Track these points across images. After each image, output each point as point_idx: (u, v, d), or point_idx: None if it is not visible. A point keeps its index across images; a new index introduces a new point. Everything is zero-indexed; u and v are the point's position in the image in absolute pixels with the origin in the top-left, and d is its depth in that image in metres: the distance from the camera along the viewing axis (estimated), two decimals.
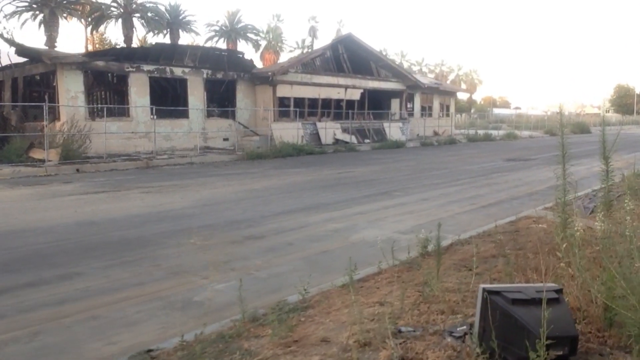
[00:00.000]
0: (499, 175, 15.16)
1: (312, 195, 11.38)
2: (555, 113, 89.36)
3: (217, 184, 13.35)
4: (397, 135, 30.87)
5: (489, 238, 6.76)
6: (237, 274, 5.73)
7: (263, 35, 70.19)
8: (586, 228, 7.43)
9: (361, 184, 13.23)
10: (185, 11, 58.99)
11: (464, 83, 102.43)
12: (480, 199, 10.98)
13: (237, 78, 25.12)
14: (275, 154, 21.32)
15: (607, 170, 6.49)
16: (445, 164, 18.79)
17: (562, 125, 5.42)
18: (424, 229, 8.20)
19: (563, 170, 5.24)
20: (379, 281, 4.99)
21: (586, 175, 15.29)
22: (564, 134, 6.19)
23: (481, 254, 5.84)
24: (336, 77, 28.49)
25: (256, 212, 9.36)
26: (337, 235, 7.59)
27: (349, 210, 9.61)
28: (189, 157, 19.26)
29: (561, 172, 5.29)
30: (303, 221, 8.59)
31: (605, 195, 6.72)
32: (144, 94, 21.69)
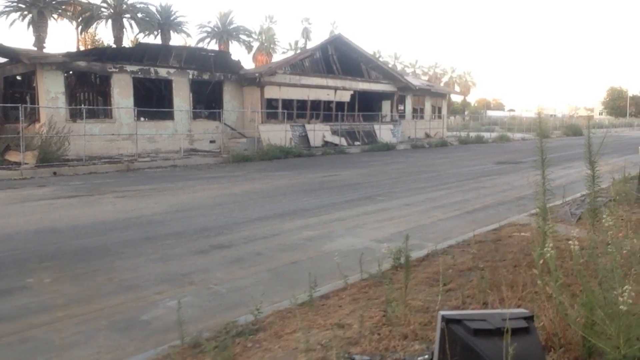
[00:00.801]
0: (487, 178, 14.79)
1: (292, 200, 10.97)
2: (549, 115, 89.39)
3: (196, 188, 12.91)
4: (388, 137, 30.49)
5: (469, 248, 6.36)
6: (195, 289, 5.31)
7: (255, 37, 69.78)
8: (571, 237, 7.09)
9: (345, 188, 12.83)
10: (176, 12, 58.61)
11: (458, 85, 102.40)
12: (466, 204, 10.60)
13: (224, 79, 24.67)
14: (262, 157, 20.89)
15: (592, 176, 6.07)
16: (434, 167, 18.42)
17: (541, 129, 5.00)
18: (403, 237, 7.86)
19: (543, 178, 4.82)
20: (343, 298, 4.58)
21: (577, 179, 14.93)
22: (557, 137, 5.89)
23: (458, 267, 5.45)
24: (325, 78, 28.09)
25: (230, 219, 8.94)
26: (310, 244, 7.17)
27: (328, 216, 9.20)
28: (173, 160, 18.79)
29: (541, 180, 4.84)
30: (277, 228, 8.17)
31: (591, 202, 6.31)
32: (128, 95, 21.20)
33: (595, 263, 3.53)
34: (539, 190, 4.95)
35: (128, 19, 53.42)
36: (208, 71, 23.80)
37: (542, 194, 4.86)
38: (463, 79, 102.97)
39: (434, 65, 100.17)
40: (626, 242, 5.14)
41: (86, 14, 52.40)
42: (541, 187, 4.87)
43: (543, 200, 4.86)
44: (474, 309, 4.05)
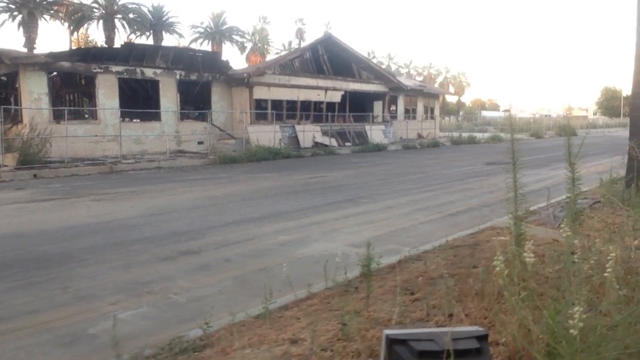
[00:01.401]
0: (475, 179, 14.56)
1: (272, 203, 10.70)
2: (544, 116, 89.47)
3: (177, 191, 12.63)
4: (379, 138, 30.26)
5: (445, 253, 6.13)
6: (153, 299, 5.04)
7: (249, 37, 69.52)
8: (551, 241, 6.85)
9: (329, 190, 12.57)
10: (168, 12, 58.05)
11: (452, 85, 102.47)
12: (449, 206, 10.36)
13: (213, 79, 24.39)
14: (250, 158, 20.61)
15: (572, 179, 5.83)
16: (422, 168, 18.19)
17: (512, 128, 4.75)
18: (381, 241, 7.62)
19: (514, 181, 4.57)
20: (303, 309, 4.32)
21: (565, 180, 14.76)
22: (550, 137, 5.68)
23: (429, 274, 5.20)
24: (316, 78, 27.84)
25: (205, 223, 8.66)
26: (283, 250, 6.91)
27: (306, 219, 8.94)
28: (158, 162, 18.49)
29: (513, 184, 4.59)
30: (252, 232, 7.91)
31: (571, 206, 6.06)
32: (113, 95, 20.89)
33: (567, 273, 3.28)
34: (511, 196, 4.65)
35: (119, 19, 53.10)
36: (196, 71, 23.53)
37: (514, 199, 4.56)
38: (457, 79, 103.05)
39: (429, 65, 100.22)
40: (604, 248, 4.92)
41: (77, 15, 52.02)
42: (513, 191, 4.57)
43: (515, 206, 4.57)
44: (438, 321, 3.80)
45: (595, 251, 4.14)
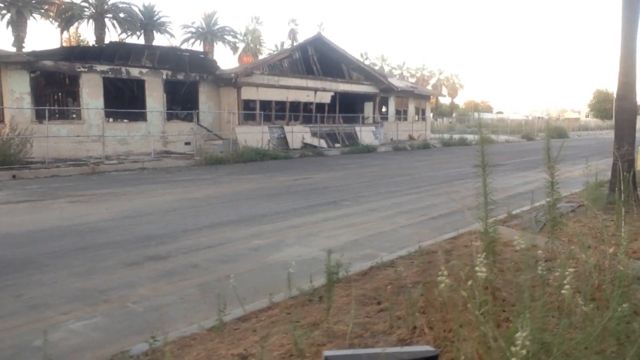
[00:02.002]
0: (462, 182, 14.37)
1: (252, 205, 10.46)
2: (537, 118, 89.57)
3: (157, 192, 12.36)
4: (370, 139, 30.07)
5: (420, 259, 5.92)
6: (109, 308, 4.79)
7: (241, 38, 69.19)
8: (530, 247, 6.64)
9: (312, 192, 12.35)
10: (159, 12, 57.75)
11: (446, 87, 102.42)
12: (432, 210, 10.16)
13: (200, 79, 24.11)
14: (236, 159, 20.34)
15: (551, 183, 5.64)
16: (410, 170, 18.00)
17: (481, 132, 4.56)
18: (358, 245, 7.40)
19: (484, 187, 4.37)
20: (262, 320, 4.09)
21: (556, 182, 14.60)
22: (541, 139, 5.48)
23: (399, 282, 4.98)
24: (305, 79, 27.61)
25: (179, 226, 8.41)
26: (254, 255, 6.68)
27: (284, 222, 8.71)
28: (142, 162, 18.19)
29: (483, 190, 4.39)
30: (226, 236, 7.67)
31: (550, 211, 5.86)
32: (97, 95, 20.57)
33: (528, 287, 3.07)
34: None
35: (110, 19, 52.70)
36: (183, 71, 23.24)
37: (484, 205, 4.36)
38: (451, 81, 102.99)
39: (422, 67, 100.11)
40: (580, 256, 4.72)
41: (67, 14, 51.55)
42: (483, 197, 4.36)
43: (485, 213, 4.36)
44: (401, 334, 3.58)
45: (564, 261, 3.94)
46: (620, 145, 9.21)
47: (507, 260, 5.71)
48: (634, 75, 9.22)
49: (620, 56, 9.23)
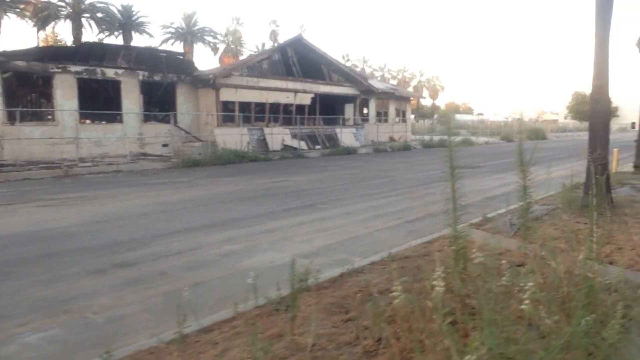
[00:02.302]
0: (440, 184, 14.34)
1: (228, 209, 10.29)
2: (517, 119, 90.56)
3: (130, 196, 12.11)
4: (350, 141, 30.04)
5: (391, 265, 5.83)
6: (68, 318, 4.60)
7: (222, 39, 68.71)
8: (503, 251, 6.62)
9: (290, 195, 12.21)
10: (138, 12, 57.06)
11: (427, 89, 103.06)
12: (409, 212, 10.10)
13: (178, 80, 23.80)
14: (215, 161, 20.11)
15: (524, 187, 5.58)
16: (389, 172, 17.97)
17: (449, 133, 4.47)
18: (332, 250, 7.29)
19: (452, 192, 4.29)
20: (224, 332, 3.94)
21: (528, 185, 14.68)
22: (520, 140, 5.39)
23: (370, 289, 4.88)
24: (285, 81, 27.46)
25: (151, 231, 8.21)
26: (225, 261, 6.52)
27: (259, 227, 8.56)
28: (117, 165, 17.87)
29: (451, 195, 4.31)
30: (197, 242, 7.49)
31: (523, 214, 5.80)
32: (72, 96, 20.15)
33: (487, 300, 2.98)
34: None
35: (87, 18, 51.89)
36: (160, 72, 22.91)
37: (453, 211, 4.28)
38: (432, 82, 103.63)
39: (403, 69, 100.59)
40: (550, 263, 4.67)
41: (44, 13, 50.62)
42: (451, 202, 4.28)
43: (454, 218, 4.28)
44: (366, 346, 3.48)
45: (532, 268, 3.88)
46: (594, 148, 9.25)
47: (478, 266, 5.65)
48: (607, 79, 9.27)
49: (594, 60, 9.28)
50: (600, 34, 9.21)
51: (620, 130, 76.95)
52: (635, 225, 7.53)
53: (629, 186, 12.07)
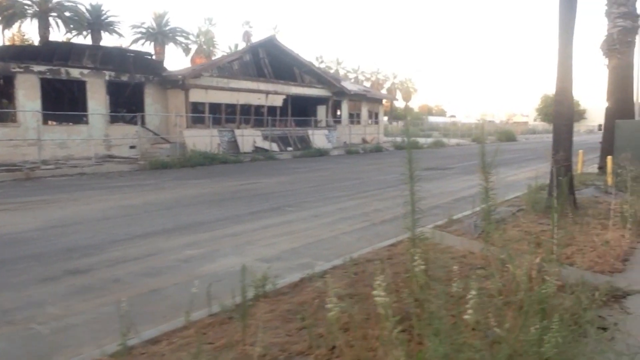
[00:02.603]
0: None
1: (192, 212, 10.06)
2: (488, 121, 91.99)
3: (92, 199, 11.75)
4: (323, 142, 29.96)
5: (354, 268, 5.75)
6: (11, 330, 4.36)
7: (194, 39, 67.96)
8: (467, 253, 6.59)
9: (257, 198, 12.04)
10: (107, 11, 55.98)
11: (400, 91, 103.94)
12: (377, 215, 10.02)
13: (146, 81, 23.35)
14: (183, 164, 19.77)
15: (486, 189, 5.54)
16: (360, 174, 17.93)
17: (408, 134, 4.38)
18: (296, 254, 7.16)
19: (412, 196, 4.21)
20: (173, 342, 3.77)
21: (495, 186, 14.79)
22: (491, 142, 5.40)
23: (329, 294, 4.76)
24: (257, 82, 27.23)
25: (109, 236, 7.95)
26: (184, 267, 6.33)
27: (222, 231, 8.38)
28: (81, 167, 17.39)
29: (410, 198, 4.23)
30: (157, 247, 7.27)
31: (485, 217, 5.76)
32: (34, 97, 19.56)
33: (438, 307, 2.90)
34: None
35: (55, 17, 50.67)
36: (127, 72, 22.43)
37: (411, 213, 4.20)
38: (405, 85, 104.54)
39: (376, 71, 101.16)
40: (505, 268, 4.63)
41: (9, 12, 49.21)
42: (410, 205, 4.20)
43: (412, 221, 4.21)
44: (318, 355, 3.36)
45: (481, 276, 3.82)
46: (557, 150, 9.33)
47: (440, 269, 5.60)
48: (570, 81, 9.37)
49: (557, 62, 9.37)
50: (564, 37, 9.30)
51: (588, 132, 78.94)
52: (597, 226, 7.60)
53: (593, 187, 12.25)
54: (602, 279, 5.16)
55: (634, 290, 4.76)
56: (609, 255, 5.77)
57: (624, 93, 14.76)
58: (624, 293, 4.70)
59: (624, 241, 6.73)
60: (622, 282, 5.04)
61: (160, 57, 62.64)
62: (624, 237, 7.07)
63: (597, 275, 5.35)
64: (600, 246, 6.05)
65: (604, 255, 5.73)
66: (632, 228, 7.52)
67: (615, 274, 5.41)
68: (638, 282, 5.12)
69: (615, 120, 13.07)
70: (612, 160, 12.83)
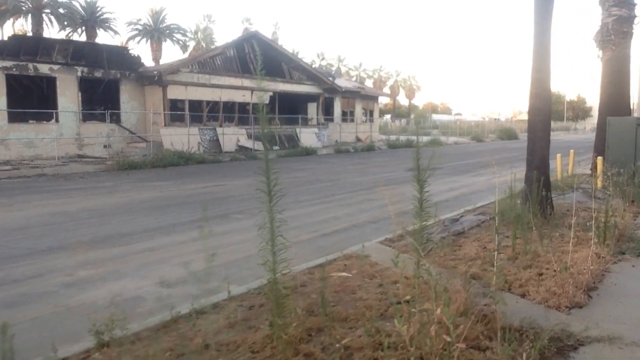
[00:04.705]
0: (385, 188, 13.29)
1: (125, 221, 9.02)
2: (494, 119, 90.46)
3: (28, 205, 10.75)
4: (312, 141, 28.87)
5: (256, 299, 4.73)
6: None
7: (191, 36, 67.01)
8: (398, 278, 5.48)
9: (210, 203, 11.02)
10: (102, 8, 54.97)
11: (403, 89, 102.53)
12: (331, 223, 8.97)
13: (121, 77, 22.35)
14: (155, 164, 18.74)
15: (420, 201, 4.46)
16: (338, 175, 16.84)
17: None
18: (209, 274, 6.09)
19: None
20: None
21: (479, 189, 13.68)
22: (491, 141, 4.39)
23: (189, 344, 3.69)
24: (241, 78, 26.16)
25: (7, 250, 6.97)
26: (63, 293, 5.28)
27: (142, 244, 7.34)
28: (42, 168, 16.41)
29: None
30: (51, 265, 6.24)
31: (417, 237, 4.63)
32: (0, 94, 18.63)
33: None
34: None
35: (48, 14, 49.86)
36: (101, 68, 21.44)
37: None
38: (408, 82, 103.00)
39: (379, 68, 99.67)
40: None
41: (1, 8, 48.45)
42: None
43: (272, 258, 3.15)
44: None
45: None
46: (532, 150, 8.20)
47: (351, 303, 4.52)
48: (548, 72, 8.23)
49: (533, 50, 8.23)
50: (541, 22, 8.17)
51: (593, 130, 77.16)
52: (572, 240, 6.39)
53: (581, 191, 11.09)
54: (555, 319, 4.05)
55: (590, 337, 3.64)
56: (572, 283, 4.64)
57: (618, 88, 13.56)
58: (577, 342, 3.58)
59: (597, 262, 5.60)
60: (578, 323, 3.92)
61: (157, 55, 61.81)
62: (598, 255, 5.94)
63: (551, 312, 4.23)
64: (562, 270, 4.91)
65: (565, 284, 4.61)
66: (611, 244, 6.39)
67: (574, 309, 4.29)
68: (601, 323, 4.01)
69: (607, 118, 11.88)
70: (603, 160, 11.67)
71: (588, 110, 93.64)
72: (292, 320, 3.75)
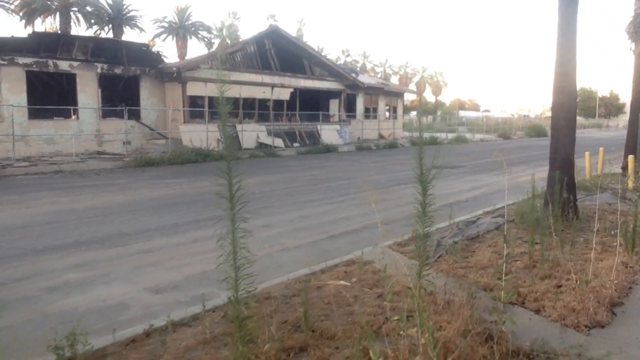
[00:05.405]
0: (402, 187, 12.82)
1: (128, 220, 8.79)
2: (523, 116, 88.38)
3: (38, 202, 10.63)
4: (333, 138, 28.44)
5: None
6: None
7: (216, 33, 67.21)
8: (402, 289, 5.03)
9: (222, 201, 10.67)
10: (129, 6, 55.51)
11: (429, 85, 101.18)
12: (340, 225, 8.56)
13: (141, 73, 22.31)
14: (172, 161, 18.60)
15: (423, 204, 4.01)
16: (356, 173, 16.39)
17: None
18: (202, 280, 5.77)
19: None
20: None
21: (501, 189, 13.05)
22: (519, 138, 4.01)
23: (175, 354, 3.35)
24: (261, 74, 25.88)
25: (3, 251, 6.73)
26: (45, 298, 5.02)
27: (139, 245, 7.06)
28: (60, 164, 16.42)
29: None
30: (41, 267, 6.00)
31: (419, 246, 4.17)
32: (20, 90, 18.74)
33: None
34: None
35: (75, 12, 50.59)
36: (121, 64, 21.42)
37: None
38: (434, 79, 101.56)
39: (405, 64, 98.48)
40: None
41: (30, 7, 49.37)
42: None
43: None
44: None
45: None
46: (555, 149, 7.63)
47: (345, 317, 4.10)
48: (573, 65, 7.64)
49: (557, 42, 7.66)
50: (566, 11, 7.58)
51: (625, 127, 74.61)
52: (596, 247, 5.82)
53: (610, 192, 10.41)
54: (572, 340, 3.57)
55: None
56: (593, 297, 4.13)
57: None
58: None
59: (624, 272, 5.05)
60: (598, 348, 3.43)
61: (183, 52, 62.16)
62: (625, 265, 5.38)
63: (568, 332, 3.74)
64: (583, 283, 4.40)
65: (585, 299, 4.11)
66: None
67: (595, 329, 3.79)
68: (625, 347, 3.51)
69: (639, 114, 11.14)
70: (634, 159, 10.95)
71: (621, 106, 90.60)
72: (266, 339, 3.36)
